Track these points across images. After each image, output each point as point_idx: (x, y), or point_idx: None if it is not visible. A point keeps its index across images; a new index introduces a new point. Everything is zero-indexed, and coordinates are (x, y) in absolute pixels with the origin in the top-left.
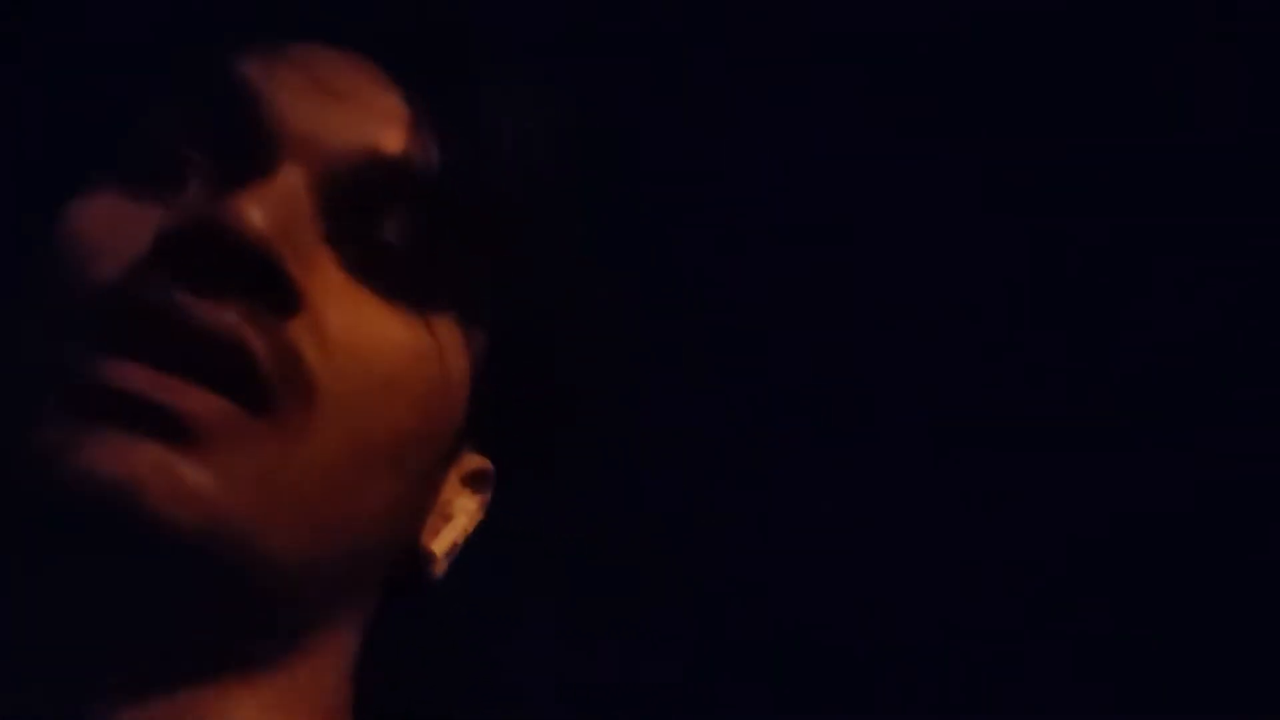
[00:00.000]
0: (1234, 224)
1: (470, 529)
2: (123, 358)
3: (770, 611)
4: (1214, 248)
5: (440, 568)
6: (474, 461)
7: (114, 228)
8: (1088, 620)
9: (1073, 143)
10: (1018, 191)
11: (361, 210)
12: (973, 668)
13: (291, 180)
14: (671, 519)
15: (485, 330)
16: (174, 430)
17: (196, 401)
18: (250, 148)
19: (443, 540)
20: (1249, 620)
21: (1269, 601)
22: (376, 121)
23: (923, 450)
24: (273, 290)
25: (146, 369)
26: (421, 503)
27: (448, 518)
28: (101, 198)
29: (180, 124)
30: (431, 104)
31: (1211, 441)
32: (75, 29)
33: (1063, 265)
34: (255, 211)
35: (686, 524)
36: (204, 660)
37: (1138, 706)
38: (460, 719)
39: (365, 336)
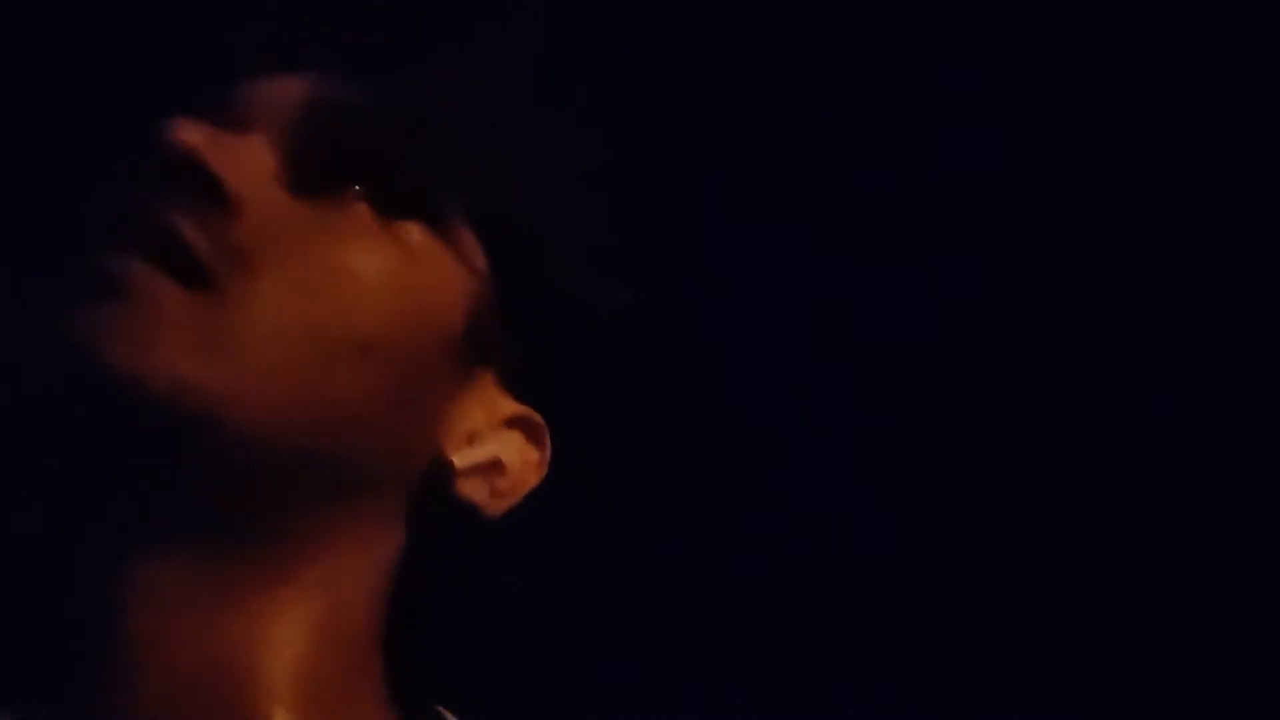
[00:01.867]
0: None
1: (529, 479)
2: (96, 246)
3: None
4: None
5: (482, 499)
6: (512, 406)
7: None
8: None
9: None
10: None
11: (324, 165)
12: None
13: (251, 137)
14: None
15: (474, 250)
16: (122, 293)
17: (138, 272)
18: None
19: (466, 456)
20: None
21: None
22: (321, 90)
23: None
24: (206, 189)
25: (110, 252)
26: (422, 412)
27: (477, 443)
28: None
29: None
30: (375, 67)
31: None
32: None
33: None
34: (187, 128)
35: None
36: (205, 552)
37: None
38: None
39: (317, 236)
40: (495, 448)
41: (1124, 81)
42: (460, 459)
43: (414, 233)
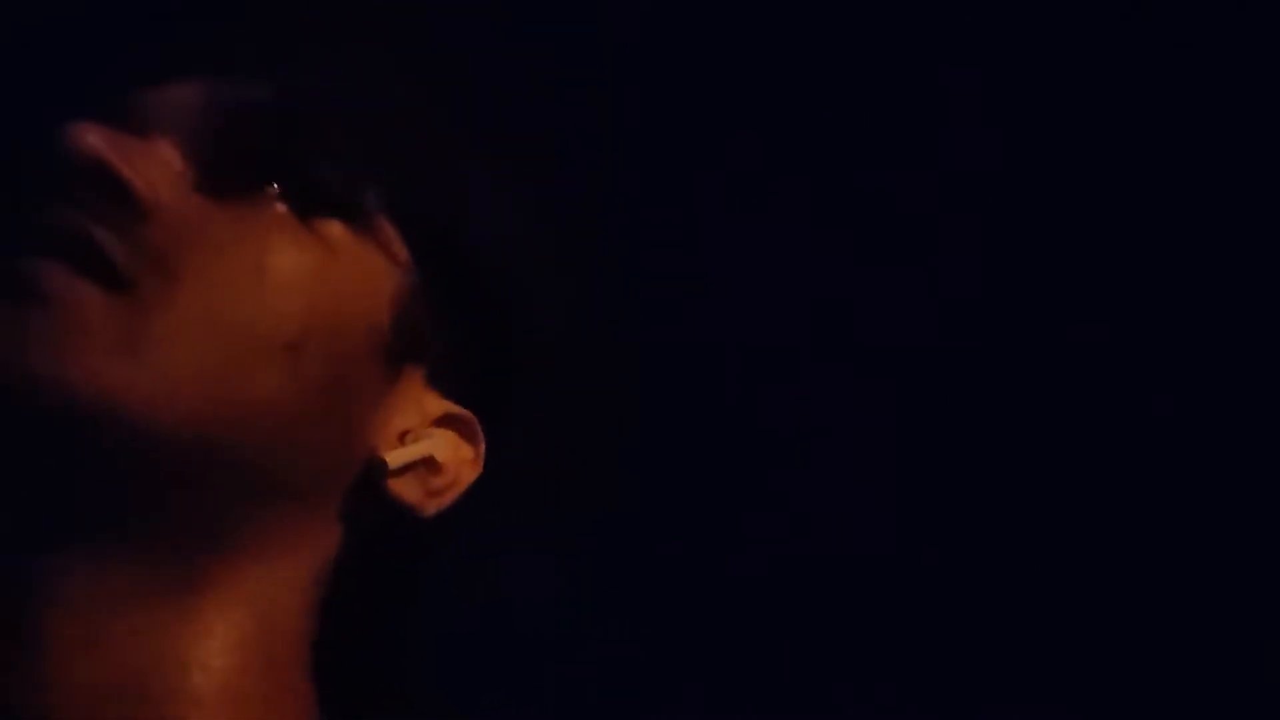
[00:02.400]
0: None
1: (463, 477)
2: (8, 253)
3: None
4: None
5: (417, 498)
6: (443, 404)
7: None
8: None
9: None
10: None
11: (234, 165)
12: None
13: (154, 142)
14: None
15: (397, 246)
16: (40, 296)
17: (56, 275)
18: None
19: (398, 455)
20: None
21: None
22: (220, 92)
23: None
24: (115, 194)
25: (25, 257)
26: (350, 412)
27: (409, 442)
28: None
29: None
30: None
31: None
32: None
33: None
34: (90, 132)
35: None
36: (125, 557)
37: None
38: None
39: (234, 236)
40: (428, 445)
41: (1124, 81)
42: (392, 458)
43: (334, 230)
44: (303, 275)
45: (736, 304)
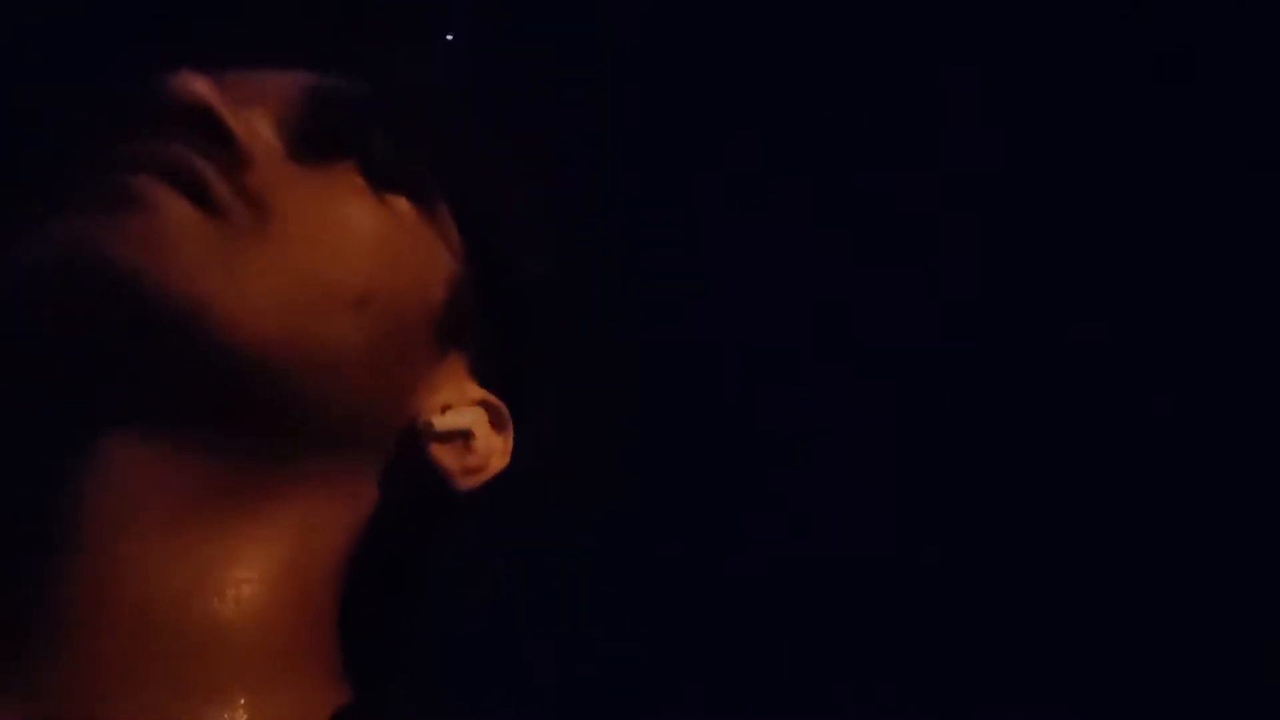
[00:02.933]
0: None
1: (494, 462)
2: (108, 169)
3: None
4: None
5: (454, 467)
6: (480, 391)
7: None
8: None
9: None
10: None
11: (319, 135)
12: None
13: (249, 108)
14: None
15: (453, 234)
16: (139, 204)
17: (156, 188)
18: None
19: (441, 420)
20: None
21: None
22: (308, 80)
23: None
24: (217, 136)
25: (126, 172)
26: (403, 372)
27: (450, 414)
28: None
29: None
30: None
31: None
32: None
33: None
34: (196, 78)
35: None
36: (186, 461)
37: None
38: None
39: (319, 192)
40: (470, 418)
41: (1124, 82)
42: (437, 422)
43: (402, 205)
44: (377, 237)
45: (736, 304)
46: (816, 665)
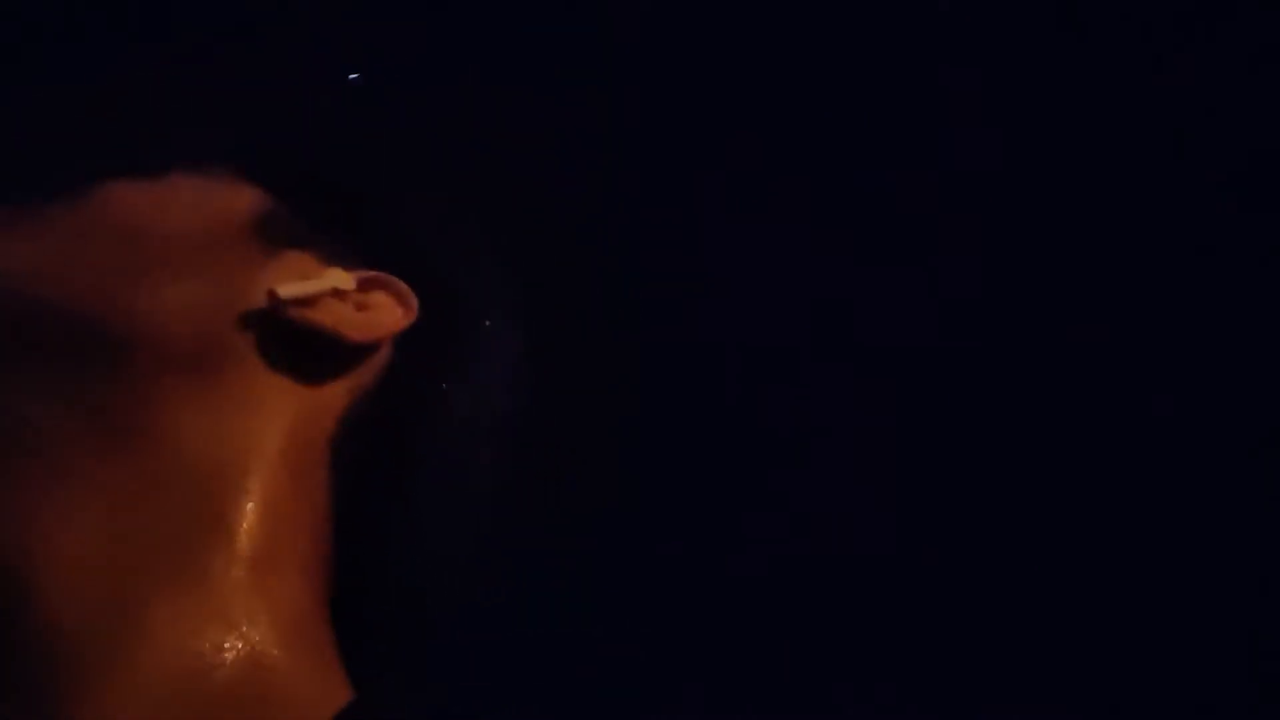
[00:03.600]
0: None
1: (383, 317)
2: None
3: None
4: None
5: (335, 326)
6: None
7: None
8: None
9: None
10: None
11: None
12: None
13: None
14: None
15: None
16: None
17: None
18: None
19: (286, 288)
20: None
21: None
22: None
23: None
24: None
25: None
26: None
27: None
28: None
29: None
30: None
31: None
32: None
33: None
34: None
35: None
36: None
37: None
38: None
39: None
40: (319, 282)
41: (1124, 82)
42: (282, 290)
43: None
44: None
45: (736, 304)
46: (816, 665)
